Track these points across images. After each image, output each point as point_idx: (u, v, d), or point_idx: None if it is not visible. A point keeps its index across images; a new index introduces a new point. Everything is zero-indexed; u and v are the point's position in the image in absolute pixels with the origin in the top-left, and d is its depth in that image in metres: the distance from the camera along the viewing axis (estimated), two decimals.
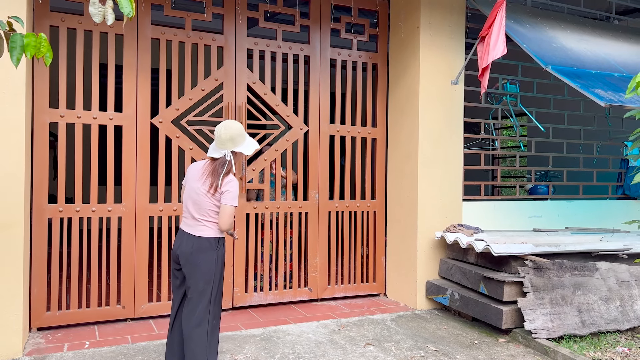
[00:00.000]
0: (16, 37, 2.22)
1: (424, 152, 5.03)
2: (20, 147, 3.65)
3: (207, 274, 3.04)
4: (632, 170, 6.09)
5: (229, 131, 3.07)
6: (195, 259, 3.04)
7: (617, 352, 3.92)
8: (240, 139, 3.10)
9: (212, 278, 3.05)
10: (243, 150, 3.11)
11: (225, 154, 3.07)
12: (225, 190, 3.03)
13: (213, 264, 3.05)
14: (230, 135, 3.07)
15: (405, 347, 3.98)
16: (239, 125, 3.13)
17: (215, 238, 3.09)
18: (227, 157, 3.06)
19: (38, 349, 3.77)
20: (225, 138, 3.07)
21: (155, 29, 4.51)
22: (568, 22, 5.60)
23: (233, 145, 3.08)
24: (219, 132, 3.08)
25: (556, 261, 4.35)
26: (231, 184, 3.04)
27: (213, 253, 3.06)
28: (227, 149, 3.07)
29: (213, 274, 3.05)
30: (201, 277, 3.04)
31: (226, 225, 3.03)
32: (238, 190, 3.07)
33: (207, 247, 3.05)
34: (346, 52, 5.30)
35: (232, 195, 3.03)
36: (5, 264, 3.59)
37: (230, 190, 3.03)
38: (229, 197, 3.03)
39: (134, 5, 2.24)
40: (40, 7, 4.09)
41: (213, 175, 3.05)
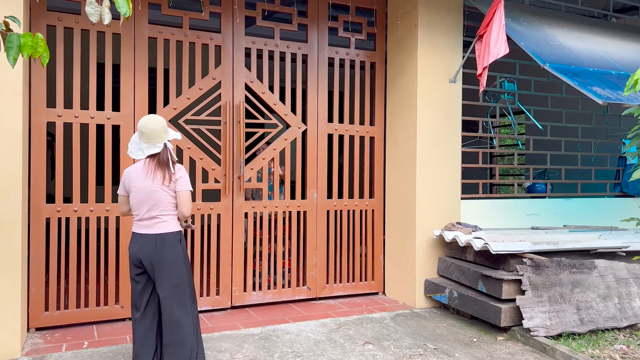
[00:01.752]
0: (13, 37, 2.21)
1: (422, 150, 5.03)
2: (17, 147, 3.64)
3: (178, 268, 3.07)
4: (630, 167, 6.10)
5: (161, 122, 3.11)
6: (163, 256, 3.04)
7: (615, 349, 3.92)
8: (169, 129, 3.18)
9: (184, 271, 3.10)
10: (177, 136, 3.18)
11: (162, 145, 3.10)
12: (178, 177, 3.09)
13: (181, 258, 3.10)
14: (163, 125, 3.11)
15: (404, 346, 3.98)
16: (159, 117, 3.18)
17: (178, 231, 3.13)
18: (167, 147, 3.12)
19: (36, 349, 3.77)
20: (160, 130, 3.09)
21: (152, 28, 4.50)
22: (566, 20, 5.60)
23: (167, 135, 3.13)
24: (151, 126, 3.07)
25: (554, 259, 4.36)
26: (181, 170, 3.12)
27: (178, 246, 3.10)
28: (163, 140, 3.11)
29: (184, 267, 3.10)
30: (173, 273, 3.06)
31: (188, 211, 3.08)
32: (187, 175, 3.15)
33: (172, 242, 3.07)
34: (344, 50, 5.30)
35: (186, 181, 3.11)
36: (3, 264, 3.58)
37: (182, 176, 3.11)
38: (183, 182, 3.09)
39: (130, 4, 2.24)
40: (37, 7, 4.08)
41: (162, 168, 3.07)
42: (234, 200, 4.79)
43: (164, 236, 3.06)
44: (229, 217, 4.77)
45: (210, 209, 4.71)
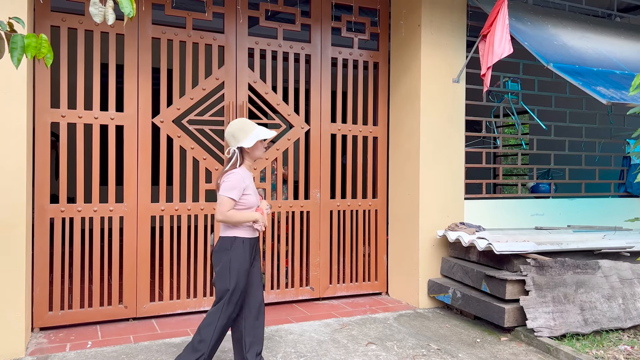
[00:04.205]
0: (17, 38, 2.22)
1: (426, 150, 5.02)
2: (21, 147, 3.65)
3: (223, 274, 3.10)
4: (634, 168, 6.08)
5: (229, 129, 3.17)
6: (213, 257, 3.18)
7: (619, 350, 3.91)
8: (242, 134, 3.14)
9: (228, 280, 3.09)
10: (244, 145, 3.13)
11: (233, 151, 3.16)
12: (221, 181, 3.11)
13: (227, 264, 3.09)
14: (231, 132, 3.16)
15: (407, 346, 3.98)
16: (239, 121, 3.20)
17: (229, 237, 3.13)
18: (233, 154, 3.16)
19: (40, 348, 3.78)
20: (227, 137, 3.19)
21: (156, 28, 4.51)
22: (569, 19, 5.58)
23: (235, 141, 3.14)
24: (225, 133, 3.21)
25: (558, 259, 4.34)
26: (229, 176, 3.09)
27: (227, 253, 3.11)
28: (232, 146, 3.16)
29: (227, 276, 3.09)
30: (218, 278, 3.12)
31: (217, 215, 3.07)
32: (237, 182, 3.08)
33: (222, 246, 3.14)
34: (347, 50, 5.29)
35: (225, 186, 3.07)
36: (7, 264, 3.59)
37: (225, 181, 3.08)
38: (222, 187, 3.09)
39: (134, 5, 2.24)
40: (41, 7, 4.09)
41: (219, 174, 3.19)
42: None
43: (219, 239, 3.18)
44: None
45: (213, 209, 4.71)
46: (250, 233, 3.17)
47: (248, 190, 3.13)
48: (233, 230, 3.13)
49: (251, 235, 3.18)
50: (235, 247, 3.11)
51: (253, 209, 3.17)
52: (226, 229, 3.15)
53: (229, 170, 3.13)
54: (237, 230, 3.13)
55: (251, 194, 3.15)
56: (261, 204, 3.25)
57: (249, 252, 3.16)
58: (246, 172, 3.17)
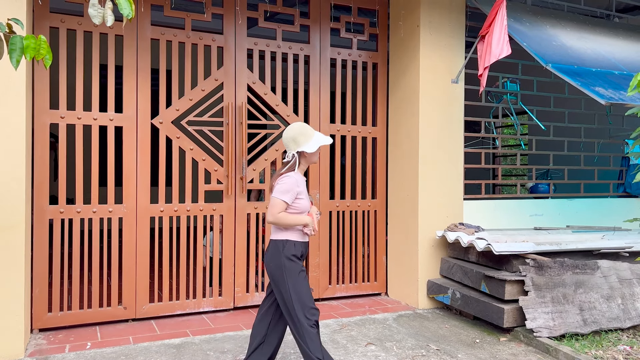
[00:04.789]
0: (16, 39, 2.22)
1: (425, 151, 5.02)
2: (20, 148, 3.65)
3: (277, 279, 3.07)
4: (633, 168, 6.09)
5: (289, 133, 3.12)
6: (265, 261, 3.15)
7: (618, 350, 3.91)
8: (303, 138, 3.10)
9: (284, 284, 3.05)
10: (306, 149, 3.09)
11: (291, 155, 3.12)
12: (275, 184, 3.09)
13: (281, 268, 3.06)
14: (292, 136, 3.11)
15: (406, 347, 3.98)
16: (299, 125, 3.16)
17: (280, 240, 3.09)
18: (292, 158, 3.12)
19: (40, 350, 3.78)
20: (286, 140, 3.13)
21: (155, 29, 4.51)
22: (568, 20, 5.59)
23: (296, 145, 3.10)
24: (283, 136, 3.16)
25: (557, 260, 4.34)
26: (284, 179, 3.07)
27: (278, 255, 3.08)
28: (291, 150, 3.12)
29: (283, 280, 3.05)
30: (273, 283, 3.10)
31: (268, 216, 3.05)
32: (292, 186, 3.05)
33: (275, 249, 3.10)
34: (346, 51, 5.30)
35: (278, 188, 3.05)
36: (7, 265, 3.59)
37: (279, 183, 3.06)
38: (276, 189, 3.07)
39: (133, 6, 2.24)
40: (40, 9, 4.09)
41: (274, 177, 3.17)
42: (237, 201, 4.79)
43: (270, 242, 3.15)
44: (232, 218, 4.78)
45: (212, 209, 4.71)
46: (300, 237, 3.13)
47: (301, 194, 3.10)
48: (284, 233, 3.10)
49: (302, 239, 3.14)
50: (287, 250, 3.07)
51: (304, 214, 3.13)
52: (277, 231, 3.12)
53: (285, 173, 3.10)
54: (288, 233, 3.10)
55: (304, 198, 3.12)
56: (311, 209, 3.21)
57: (299, 254, 3.12)
58: (301, 177, 3.15)
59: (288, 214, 3.07)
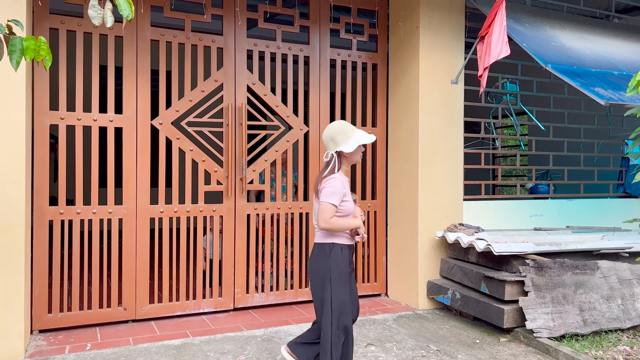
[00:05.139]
0: (16, 41, 2.22)
1: (425, 151, 5.03)
2: (20, 149, 3.65)
3: (320, 282, 2.99)
4: (632, 168, 6.09)
5: (328, 132, 3.04)
6: (310, 265, 3.08)
7: (618, 350, 3.91)
8: (342, 137, 3.00)
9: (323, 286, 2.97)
10: (344, 149, 2.98)
11: (330, 155, 3.03)
12: (322, 187, 2.97)
13: (322, 272, 2.98)
14: (330, 135, 3.02)
15: (406, 347, 3.98)
16: (339, 123, 3.06)
17: (327, 243, 3.00)
18: (331, 158, 3.02)
19: (40, 351, 3.77)
20: (325, 140, 3.05)
21: (154, 30, 4.51)
22: (567, 20, 5.59)
23: (335, 145, 3.01)
24: (322, 135, 3.08)
25: (557, 260, 4.34)
26: (328, 182, 2.96)
27: (326, 259, 2.98)
28: (330, 150, 3.03)
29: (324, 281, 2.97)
30: (315, 286, 3.02)
31: (320, 222, 2.93)
32: (338, 188, 2.95)
33: (319, 253, 3.02)
34: (346, 52, 5.30)
35: (325, 192, 2.94)
36: (7, 266, 3.59)
37: (326, 186, 2.95)
38: (322, 193, 2.95)
39: (133, 7, 2.25)
40: (40, 10, 4.10)
41: (317, 179, 3.07)
42: (237, 202, 4.79)
43: (315, 246, 3.07)
44: (232, 218, 4.78)
45: (212, 210, 4.72)
46: (347, 240, 3.05)
47: (347, 196, 3.01)
48: (331, 237, 3.00)
49: (349, 242, 3.06)
50: (334, 253, 2.98)
51: (350, 216, 3.05)
52: (323, 235, 3.02)
53: (328, 175, 2.99)
54: (335, 237, 3.01)
55: (349, 200, 3.03)
56: (355, 210, 3.11)
57: (347, 258, 3.03)
58: (344, 178, 3.05)
59: (340, 218, 2.97)
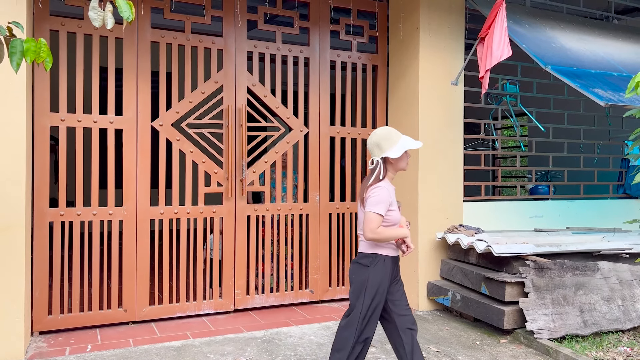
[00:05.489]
0: (16, 43, 2.22)
1: (424, 152, 5.03)
2: (21, 151, 3.66)
3: (357, 291, 2.94)
4: (632, 169, 6.09)
5: (373, 138, 2.97)
6: (350, 274, 3.03)
7: (619, 351, 3.91)
8: (387, 143, 2.92)
9: (358, 297, 2.92)
10: (390, 155, 2.90)
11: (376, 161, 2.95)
12: (367, 196, 2.88)
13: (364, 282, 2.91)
14: (375, 141, 2.95)
15: None
16: (384, 129, 3.00)
17: (369, 254, 2.94)
18: (376, 165, 2.94)
19: (40, 352, 3.77)
20: (370, 146, 2.97)
21: (154, 32, 4.52)
22: (567, 22, 5.60)
23: (380, 151, 2.93)
24: (367, 141, 3.01)
25: (557, 261, 4.34)
26: (374, 191, 2.87)
27: (366, 270, 2.92)
28: (376, 156, 2.95)
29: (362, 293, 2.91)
30: (352, 294, 2.97)
31: (366, 233, 2.85)
32: (385, 197, 2.85)
33: (362, 262, 2.96)
34: (346, 53, 5.31)
35: (371, 201, 2.85)
36: (7, 267, 3.59)
37: (371, 195, 2.86)
38: (368, 202, 2.86)
39: (133, 9, 2.25)
40: (40, 11, 4.10)
41: (362, 187, 2.99)
42: (237, 203, 4.79)
43: (358, 255, 3.01)
44: (232, 220, 4.78)
45: (213, 212, 4.72)
46: (392, 251, 2.98)
47: (393, 205, 2.91)
48: (375, 248, 2.93)
49: (393, 253, 2.98)
50: (375, 264, 2.91)
51: (397, 226, 2.96)
52: (368, 246, 2.94)
53: (373, 183, 2.90)
54: (380, 248, 2.93)
55: (395, 209, 2.94)
56: (401, 220, 3.02)
57: (389, 270, 2.95)
58: (390, 186, 2.96)
59: (386, 228, 2.88)
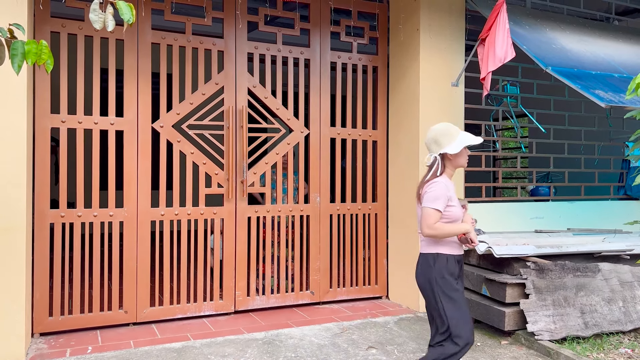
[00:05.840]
0: (17, 45, 2.23)
1: (425, 153, 4.97)
2: (22, 152, 3.66)
3: (428, 297, 2.85)
4: (633, 170, 6.08)
5: (431, 134, 2.90)
6: (416, 278, 2.94)
7: (620, 353, 3.91)
8: (446, 139, 2.85)
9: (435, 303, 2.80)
10: (449, 150, 2.82)
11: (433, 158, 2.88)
12: (424, 192, 2.83)
13: (431, 286, 2.81)
14: (433, 137, 2.88)
15: (408, 350, 3.98)
16: (442, 125, 2.91)
17: (432, 254, 2.84)
18: (434, 161, 2.87)
19: (40, 354, 3.77)
20: (428, 142, 2.92)
21: (155, 33, 4.52)
22: (568, 23, 5.60)
23: (438, 147, 2.86)
24: (425, 138, 2.95)
25: (558, 262, 4.34)
26: (431, 186, 2.81)
27: (431, 270, 2.82)
28: (433, 152, 2.89)
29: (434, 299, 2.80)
30: (426, 301, 2.88)
31: (423, 228, 2.79)
32: (442, 192, 2.78)
33: (423, 264, 2.88)
34: (346, 55, 5.31)
35: (427, 197, 2.79)
36: (8, 269, 3.59)
37: (427, 191, 2.80)
38: (425, 197, 2.81)
39: (134, 11, 2.25)
40: (41, 13, 4.11)
41: (420, 183, 2.92)
42: (237, 204, 4.80)
43: (420, 256, 2.92)
44: (232, 221, 4.78)
45: (213, 213, 4.72)
46: (455, 249, 2.87)
47: (452, 201, 2.83)
48: (436, 247, 2.84)
49: (456, 252, 2.88)
50: (438, 264, 2.82)
51: (458, 222, 2.87)
52: (428, 245, 2.87)
53: (431, 179, 2.83)
54: (441, 247, 2.84)
55: (455, 205, 2.85)
56: (465, 216, 2.93)
57: (454, 270, 2.84)
58: (449, 182, 2.88)
59: (445, 223, 2.80)
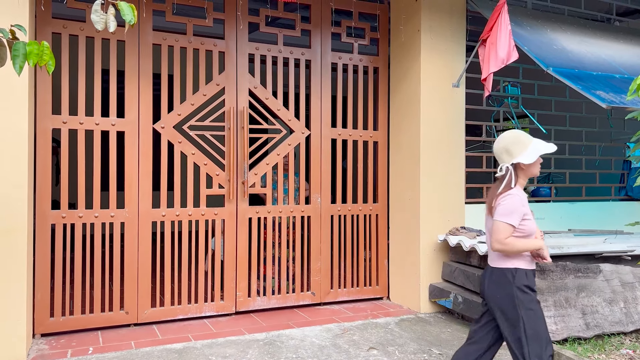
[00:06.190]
0: (19, 46, 2.23)
1: (426, 154, 5.03)
2: (23, 153, 3.66)
3: (507, 313, 2.70)
4: (634, 171, 6.08)
5: (501, 143, 2.78)
6: (489, 293, 2.78)
7: (621, 354, 3.90)
8: (518, 148, 2.72)
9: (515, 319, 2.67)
10: (522, 160, 2.70)
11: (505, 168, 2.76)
12: (497, 204, 2.70)
13: (512, 301, 2.67)
14: (504, 146, 2.76)
15: (409, 351, 3.97)
16: (513, 133, 2.79)
17: (509, 269, 2.71)
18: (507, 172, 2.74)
19: (42, 355, 3.78)
20: (498, 152, 2.79)
21: (156, 34, 4.53)
22: (569, 24, 5.60)
23: (510, 157, 2.73)
24: (494, 148, 2.84)
25: (559, 263, 4.34)
26: (505, 199, 2.68)
27: (511, 285, 2.68)
28: (504, 163, 2.76)
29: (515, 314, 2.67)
30: (502, 317, 2.73)
31: (493, 243, 2.68)
32: (517, 206, 2.67)
33: (502, 279, 2.72)
34: (347, 55, 5.31)
35: (501, 210, 2.67)
36: (9, 270, 3.60)
37: (501, 203, 2.68)
38: (498, 211, 2.69)
39: (135, 12, 2.26)
40: (42, 14, 4.11)
41: (490, 194, 2.81)
42: (238, 205, 4.80)
43: (493, 271, 2.77)
44: (233, 222, 4.78)
45: (214, 214, 4.72)
46: (529, 264, 2.75)
47: (527, 215, 2.71)
48: (513, 261, 2.71)
49: (530, 266, 2.76)
50: (518, 279, 2.69)
51: (532, 237, 2.75)
52: (502, 259, 2.73)
53: (504, 191, 2.70)
54: (517, 261, 2.71)
55: (531, 219, 2.73)
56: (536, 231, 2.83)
57: (532, 284, 2.73)
58: (523, 194, 2.75)
59: (517, 238, 2.68)
